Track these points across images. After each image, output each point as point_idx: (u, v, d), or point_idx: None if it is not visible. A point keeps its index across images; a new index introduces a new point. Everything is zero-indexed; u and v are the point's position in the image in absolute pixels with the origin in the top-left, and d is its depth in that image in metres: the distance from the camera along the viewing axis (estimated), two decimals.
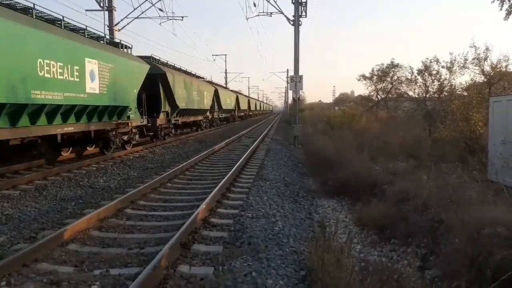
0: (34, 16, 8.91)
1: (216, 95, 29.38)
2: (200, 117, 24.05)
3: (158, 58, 17.70)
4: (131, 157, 12.49)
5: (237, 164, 10.00)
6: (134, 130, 13.76)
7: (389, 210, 6.31)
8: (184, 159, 12.17)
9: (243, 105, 48.52)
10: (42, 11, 9.36)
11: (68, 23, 10.33)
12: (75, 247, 4.64)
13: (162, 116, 16.48)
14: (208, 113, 26.58)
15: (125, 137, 13.20)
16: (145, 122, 14.46)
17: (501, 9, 11.46)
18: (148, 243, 4.84)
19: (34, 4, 8.97)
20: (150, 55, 16.95)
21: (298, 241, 5.09)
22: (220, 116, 32.77)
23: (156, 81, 16.04)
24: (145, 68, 14.21)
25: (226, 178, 8.15)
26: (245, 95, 56.78)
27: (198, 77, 24.99)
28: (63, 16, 9.94)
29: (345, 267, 3.56)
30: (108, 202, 6.38)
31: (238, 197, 7.16)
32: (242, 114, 48.97)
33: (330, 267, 3.53)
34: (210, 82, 29.40)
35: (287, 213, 6.56)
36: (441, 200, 5.63)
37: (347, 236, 4.78)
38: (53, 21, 9.77)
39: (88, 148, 12.72)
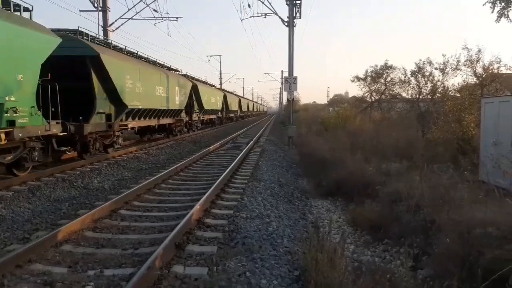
0: None
1: (196, 92, 24.06)
2: (169, 120, 18.69)
3: (94, 34, 12.22)
4: (126, 158, 12.45)
5: (231, 165, 10.02)
6: (32, 145, 8.48)
7: (382, 210, 6.37)
8: (178, 159, 12.18)
9: (233, 106, 44.16)
10: None
11: None
12: (69, 248, 4.64)
13: (97, 119, 11.36)
14: (183, 114, 21.10)
15: (10, 157, 7.94)
16: (56, 130, 9.09)
17: (492, 12, 11.62)
18: (142, 243, 4.85)
19: None
20: (77, 27, 11.30)
21: (292, 242, 5.13)
22: (202, 118, 27.58)
23: (85, 67, 10.86)
24: (49, 41, 8.73)
25: (220, 178, 8.17)
26: (235, 95, 52.44)
27: (170, 69, 19.79)
28: None
29: (339, 267, 3.60)
30: (102, 203, 6.37)
31: (233, 198, 7.18)
32: (232, 115, 44.26)
33: (323, 267, 3.56)
34: (187, 76, 23.74)
35: (282, 214, 6.60)
36: (433, 200, 5.69)
37: (340, 236, 4.81)
38: None
39: None
